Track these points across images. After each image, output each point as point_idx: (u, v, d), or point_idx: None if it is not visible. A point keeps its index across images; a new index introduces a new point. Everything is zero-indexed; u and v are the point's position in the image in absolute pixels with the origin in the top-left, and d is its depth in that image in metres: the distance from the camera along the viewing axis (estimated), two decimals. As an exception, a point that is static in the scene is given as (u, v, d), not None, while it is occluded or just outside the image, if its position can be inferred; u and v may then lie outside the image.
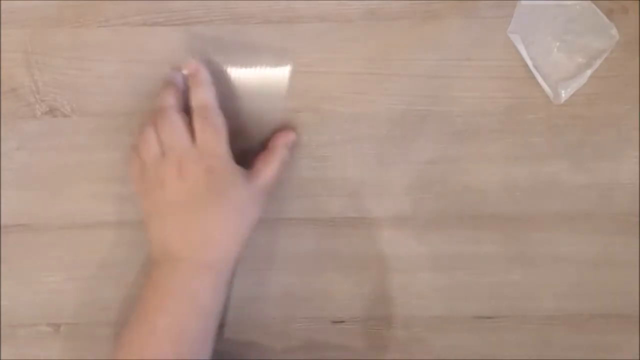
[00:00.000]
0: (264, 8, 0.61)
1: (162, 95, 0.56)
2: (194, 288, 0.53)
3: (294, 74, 0.61)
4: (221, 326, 0.62)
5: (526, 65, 0.61)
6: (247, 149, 0.60)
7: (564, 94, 0.61)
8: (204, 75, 0.56)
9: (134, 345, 0.52)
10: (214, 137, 0.54)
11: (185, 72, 0.57)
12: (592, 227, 0.62)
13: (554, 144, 0.62)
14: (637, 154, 0.62)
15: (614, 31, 0.60)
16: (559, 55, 0.61)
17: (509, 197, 0.62)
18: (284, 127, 0.60)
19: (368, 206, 0.62)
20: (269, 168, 0.57)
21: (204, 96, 0.55)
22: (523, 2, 0.60)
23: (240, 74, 0.60)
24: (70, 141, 0.61)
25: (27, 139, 0.61)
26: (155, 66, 0.60)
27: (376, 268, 0.63)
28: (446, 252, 0.62)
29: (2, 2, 0.60)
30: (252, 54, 0.60)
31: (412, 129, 0.62)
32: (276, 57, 0.60)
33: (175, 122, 0.54)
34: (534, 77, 0.61)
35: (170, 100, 0.55)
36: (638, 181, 0.62)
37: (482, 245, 0.62)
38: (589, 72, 0.60)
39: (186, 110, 0.56)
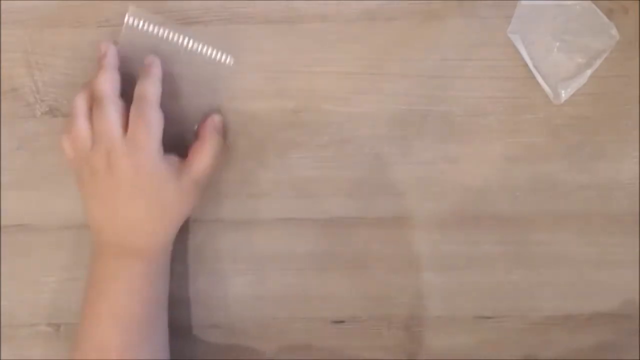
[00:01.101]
0: (263, 8, 0.61)
1: (99, 78, 0.54)
2: (128, 274, 0.54)
3: (294, 74, 0.61)
4: (221, 326, 0.62)
5: (526, 65, 0.61)
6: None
7: (564, 94, 0.61)
8: (156, 69, 0.56)
9: (85, 339, 0.55)
10: (145, 132, 0.53)
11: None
12: (592, 227, 0.62)
13: (554, 144, 0.62)
14: (637, 154, 0.62)
15: (614, 31, 0.60)
16: (559, 55, 0.61)
17: (509, 197, 0.62)
18: (210, 113, 0.59)
19: (368, 206, 0.62)
20: (200, 157, 0.56)
21: (147, 89, 0.54)
22: (523, 2, 0.60)
23: (182, 71, 0.60)
24: (70, 141, 0.61)
25: (27, 139, 0.61)
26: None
27: (376, 268, 0.62)
28: (446, 252, 0.62)
29: (2, 2, 0.60)
30: (195, 52, 0.60)
31: (412, 129, 0.61)
32: (218, 55, 0.60)
33: (108, 113, 0.53)
34: (534, 77, 0.61)
35: (107, 86, 0.54)
36: (638, 181, 0.62)
37: (482, 245, 0.62)
38: (589, 72, 0.60)
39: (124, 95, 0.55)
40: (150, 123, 0.53)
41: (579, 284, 0.62)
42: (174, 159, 0.56)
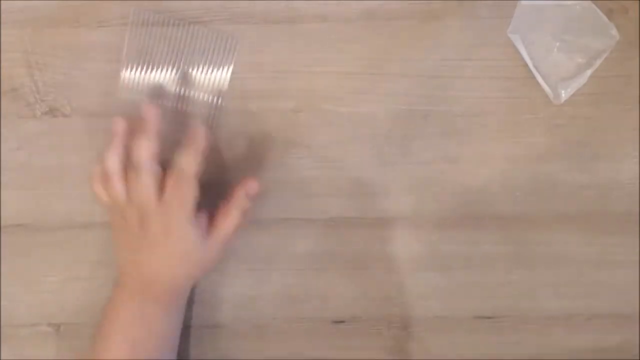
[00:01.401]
0: (263, 8, 0.61)
1: (141, 145, 0.54)
2: (146, 313, 0.56)
3: (294, 74, 0.61)
4: (221, 326, 0.62)
5: (526, 65, 0.61)
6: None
7: (564, 94, 0.61)
8: (202, 143, 0.56)
9: None
10: (180, 203, 0.55)
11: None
12: (592, 227, 0.62)
13: (554, 144, 0.62)
14: (637, 154, 0.62)
15: (614, 31, 0.60)
16: (559, 55, 0.61)
17: (509, 197, 0.62)
18: (246, 177, 0.58)
19: (368, 206, 0.62)
20: (226, 221, 0.57)
21: (189, 163, 0.55)
22: (523, 2, 0.60)
23: (181, 73, 0.61)
24: (70, 141, 0.61)
25: (27, 139, 0.61)
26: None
27: (376, 268, 0.62)
28: (446, 252, 0.62)
29: (2, 2, 0.60)
30: (196, 53, 0.60)
31: (412, 129, 0.61)
32: (219, 56, 0.60)
33: (145, 180, 0.54)
34: (534, 77, 0.61)
35: (147, 154, 0.54)
36: (638, 181, 0.62)
37: (482, 245, 0.62)
38: (589, 72, 0.60)
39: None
40: (186, 196, 0.54)
41: (579, 284, 0.62)
42: (203, 220, 0.56)
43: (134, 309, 0.56)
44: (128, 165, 0.55)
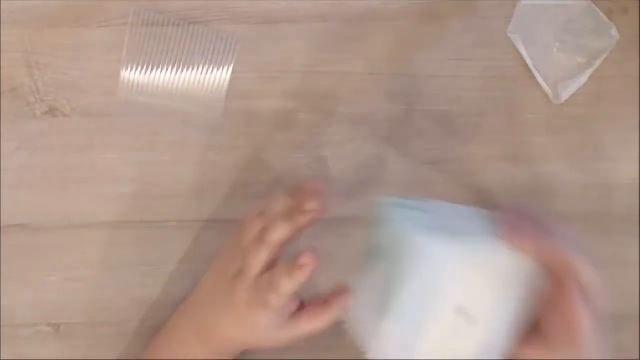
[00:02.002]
0: (263, 8, 0.61)
1: (278, 228, 0.52)
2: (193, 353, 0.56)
3: (294, 74, 0.61)
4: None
5: (526, 65, 0.61)
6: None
7: (564, 94, 0.61)
8: (314, 265, 0.52)
9: None
10: (271, 292, 0.52)
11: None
12: (592, 227, 0.62)
13: (554, 144, 0.62)
14: (637, 154, 0.62)
15: (614, 31, 0.60)
16: (559, 55, 0.61)
17: (509, 197, 0.62)
18: (342, 287, 0.54)
19: (368, 206, 0.62)
20: (310, 324, 0.55)
21: (291, 285, 0.52)
22: (523, 2, 0.60)
23: (178, 75, 0.61)
24: (70, 141, 0.61)
25: (27, 139, 0.61)
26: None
27: (376, 268, 0.62)
28: (446, 252, 0.62)
29: (2, 2, 0.60)
30: (196, 53, 0.60)
31: (412, 129, 0.61)
32: (219, 56, 0.60)
33: (260, 256, 0.53)
34: (534, 77, 0.61)
35: (277, 239, 0.52)
36: (638, 181, 0.62)
37: (482, 245, 0.62)
38: (589, 72, 0.60)
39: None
40: (282, 293, 0.52)
41: (579, 284, 0.62)
42: (290, 307, 0.54)
43: (186, 346, 0.56)
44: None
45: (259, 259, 0.53)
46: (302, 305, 0.55)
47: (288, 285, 0.51)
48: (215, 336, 0.55)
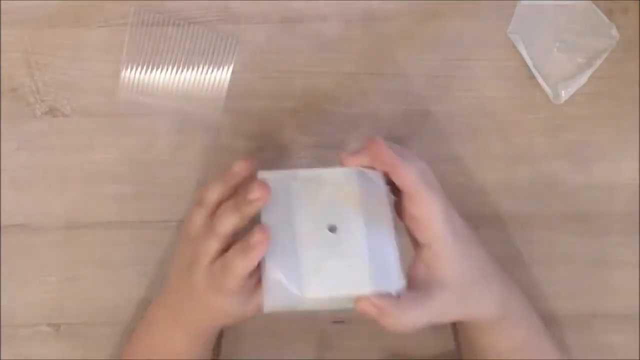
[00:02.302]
0: (263, 8, 0.61)
1: (226, 218, 0.52)
2: (171, 338, 0.56)
3: (294, 74, 0.61)
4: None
5: (526, 65, 0.61)
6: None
7: (564, 94, 0.61)
8: (266, 242, 0.50)
9: None
10: (226, 277, 0.52)
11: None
12: (592, 227, 0.62)
13: (554, 144, 0.62)
14: (637, 154, 0.62)
15: (614, 31, 0.60)
16: (559, 55, 0.61)
17: (509, 197, 0.62)
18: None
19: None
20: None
21: (241, 265, 0.51)
22: (523, 2, 0.60)
23: (178, 75, 0.61)
24: (70, 141, 0.61)
25: (27, 139, 0.61)
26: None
27: (376, 268, 0.62)
28: (446, 252, 0.62)
29: (2, 2, 0.60)
30: (196, 53, 0.60)
31: (412, 129, 0.61)
32: (219, 56, 0.60)
33: (210, 245, 0.52)
34: (534, 77, 0.61)
35: (228, 227, 0.52)
36: (638, 181, 0.62)
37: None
38: (589, 72, 0.60)
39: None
40: (238, 275, 0.51)
41: (579, 284, 0.62)
42: (248, 288, 0.53)
43: (162, 332, 0.56)
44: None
45: (210, 248, 0.52)
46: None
47: (243, 266, 0.51)
48: (188, 321, 0.55)
